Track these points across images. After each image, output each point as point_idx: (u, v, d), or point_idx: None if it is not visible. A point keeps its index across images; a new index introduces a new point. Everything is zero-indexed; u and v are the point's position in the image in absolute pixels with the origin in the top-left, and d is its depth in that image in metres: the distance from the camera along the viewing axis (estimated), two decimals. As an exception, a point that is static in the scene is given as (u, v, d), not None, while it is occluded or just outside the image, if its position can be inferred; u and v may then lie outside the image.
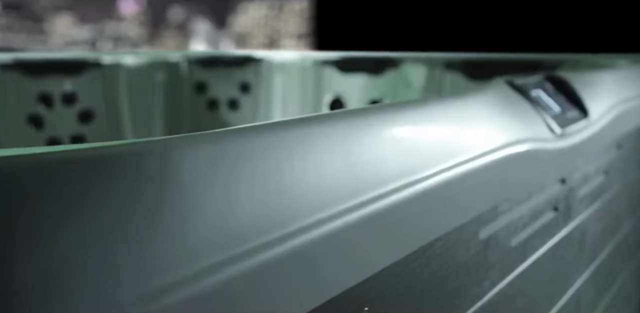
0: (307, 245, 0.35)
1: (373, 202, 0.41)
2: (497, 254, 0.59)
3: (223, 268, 0.31)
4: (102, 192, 0.28)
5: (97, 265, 0.26)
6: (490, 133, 0.56)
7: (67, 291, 0.25)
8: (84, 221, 0.27)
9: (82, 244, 0.26)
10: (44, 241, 0.25)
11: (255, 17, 7.38)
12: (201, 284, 0.30)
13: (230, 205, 0.33)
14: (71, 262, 0.26)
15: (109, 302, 0.26)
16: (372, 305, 0.43)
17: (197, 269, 0.30)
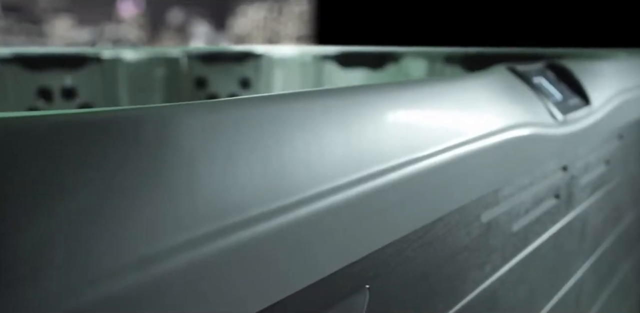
0: (307, 218, 0.35)
1: (374, 178, 0.40)
2: (499, 238, 0.58)
3: (221, 237, 0.30)
4: (99, 157, 0.28)
5: (93, 230, 0.26)
6: (491, 115, 0.55)
7: (63, 256, 0.25)
8: (80, 186, 0.27)
9: (77, 210, 0.26)
10: (40, 207, 0.25)
11: (254, 20, 7.39)
12: (198, 252, 0.29)
13: (229, 174, 0.32)
14: (67, 227, 0.25)
15: (105, 265, 0.26)
16: (374, 284, 0.42)
17: (194, 236, 0.29)
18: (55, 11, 8.45)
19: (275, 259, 0.33)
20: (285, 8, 6.28)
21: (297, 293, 0.36)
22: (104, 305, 0.25)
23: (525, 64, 0.72)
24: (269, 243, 0.32)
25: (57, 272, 0.24)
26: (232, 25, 6.77)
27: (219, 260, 0.30)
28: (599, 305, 0.95)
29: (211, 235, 0.30)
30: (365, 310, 0.42)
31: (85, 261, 0.25)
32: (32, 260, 0.24)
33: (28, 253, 0.24)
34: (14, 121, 0.28)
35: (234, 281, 0.31)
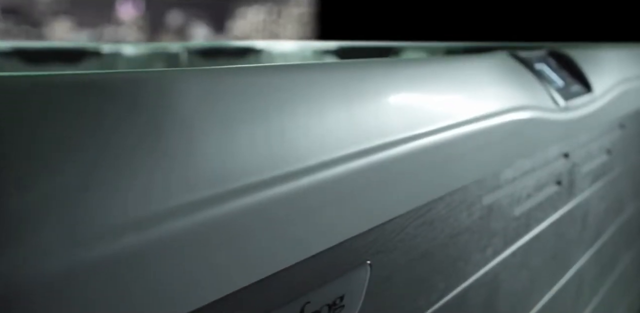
0: (307, 188, 0.34)
1: (374, 152, 0.40)
2: (501, 222, 0.58)
3: (219, 203, 0.29)
4: (95, 118, 0.28)
5: (88, 191, 0.25)
6: (493, 96, 0.55)
7: (58, 216, 0.24)
8: (75, 147, 0.26)
9: (72, 170, 0.25)
10: (35, 167, 0.24)
11: (253, 22, 7.39)
12: (196, 216, 0.28)
13: (229, 141, 0.32)
14: (62, 187, 0.25)
15: (100, 226, 0.25)
16: (375, 259, 0.42)
17: (192, 201, 0.29)
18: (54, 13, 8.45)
19: (274, 228, 0.32)
20: (284, 10, 6.28)
21: (299, 264, 0.35)
22: (97, 265, 0.24)
23: (527, 51, 0.72)
24: (268, 211, 0.32)
25: (52, 231, 0.24)
26: (231, 28, 6.77)
27: (216, 226, 0.29)
28: (600, 296, 0.95)
29: (209, 201, 0.29)
30: (366, 285, 0.41)
31: (80, 221, 0.24)
32: (26, 219, 0.23)
33: (23, 212, 0.23)
34: (8, 81, 0.27)
35: (232, 248, 0.30)
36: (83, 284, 0.24)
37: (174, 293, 0.27)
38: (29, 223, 0.23)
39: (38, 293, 0.23)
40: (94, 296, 0.24)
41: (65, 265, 0.23)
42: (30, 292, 0.22)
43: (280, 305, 0.34)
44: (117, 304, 0.25)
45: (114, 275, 0.25)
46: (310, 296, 0.37)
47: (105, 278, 0.24)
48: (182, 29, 7.35)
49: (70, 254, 0.24)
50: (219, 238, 0.29)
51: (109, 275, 0.25)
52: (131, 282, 0.25)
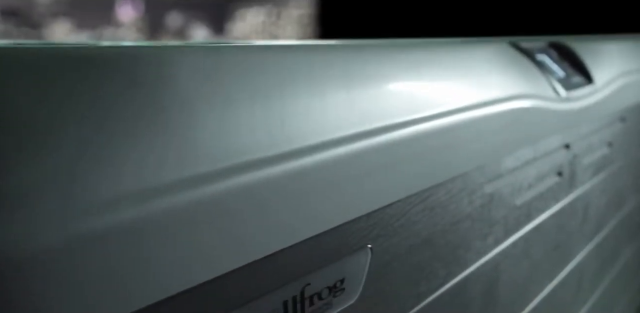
0: (306, 168, 0.34)
1: (375, 135, 0.39)
2: (502, 211, 0.58)
3: (218, 179, 0.29)
4: (95, 90, 0.27)
5: (86, 163, 0.25)
6: (495, 84, 0.55)
7: (54, 191, 0.24)
8: (75, 118, 0.26)
9: (71, 141, 0.25)
10: (32, 140, 0.24)
11: (253, 24, 7.40)
12: (194, 192, 0.28)
13: (229, 118, 0.32)
14: (59, 161, 0.24)
15: (99, 197, 0.25)
16: (376, 244, 0.41)
17: (190, 176, 0.28)
18: (53, 15, 8.46)
19: (273, 207, 0.32)
20: (284, 12, 6.28)
21: (299, 245, 0.35)
22: (92, 238, 0.24)
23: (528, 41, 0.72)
24: (266, 190, 0.31)
25: (47, 204, 0.23)
26: (230, 29, 6.77)
27: (213, 204, 0.29)
28: (600, 290, 0.94)
29: (207, 178, 0.29)
30: (367, 269, 0.41)
31: (75, 194, 0.24)
32: (22, 191, 0.23)
33: (18, 185, 0.23)
34: (6, 51, 0.27)
35: (230, 226, 0.30)
36: (76, 258, 0.23)
37: (170, 270, 0.27)
38: (24, 196, 0.23)
39: (31, 267, 0.22)
40: (86, 270, 0.24)
41: (59, 239, 0.23)
42: (23, 265, 0.22)
43: (281, 285, 0.34)
44: (110, 279, 0.25)
45: (110, 249, 0.24)
46: (311, 278, 0.36)
47: (99, 252, 0.24)
48: (181, 30, 7.35)
49: (64, 227, 0.23)
50: (215, 215, 0.29)
51: (104, 249, 0.24)
52: (127, 257, 0.25)
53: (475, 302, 0.55)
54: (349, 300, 0.40)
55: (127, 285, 0.25)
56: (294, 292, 0.35)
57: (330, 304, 0.38)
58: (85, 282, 0.24)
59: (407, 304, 0.45)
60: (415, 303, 0.46)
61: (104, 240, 0.24)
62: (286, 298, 0.35)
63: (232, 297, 0.31)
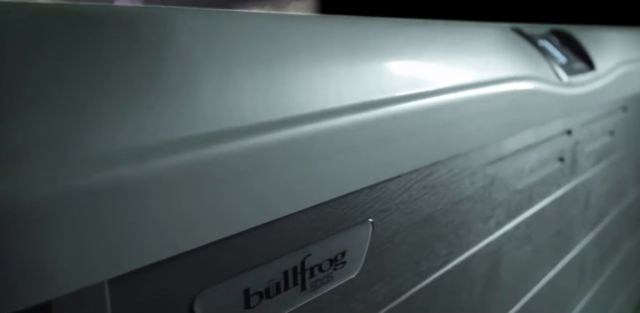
0: (306, 136, 0.33)
1: (376, 107, 0.39)
2: (504, 193, 0.57)
3: (215, 142, 0.29)
4: (95, 49, 0.27)
5: (85, 119, 0.25)
6: (498, 64, 0.54)
7: (51, 150, 0.23)
8: (74, 74, 0.25)
9: (68, 102, 0.25)
10: (29, 98, 0.24)
11: (254, 24, 7.38)
12: (187, 155, 0.28)
13: (229, 80, 0.31)
14: (57, 117, 0.24)
15: (94, 154, 0.24)
16: (377, 219, 0.41)
17: (186, 138, 0.28)
18: (55, 15, 8.44)
19: (272, 173, 0.31)
20: (284, 11, 6.27)
21: (299, 215, 0.34)
22: (89, 192, 0.23)
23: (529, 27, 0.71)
24: (266, 155, 0.31)
25: (42, 158, 0.23)
26: (231, 29, 6.75)
27: (209, 166, 0.28)
28: (602, 280, 0.94)
29: (204, 140, 0.28)
30: (368, 243, 0.40)
31: (71, 149, 0.24)
32: (19, 145, 0.22)
33: (16, 138, 0.23)
34: (5, 7, 0.27)
35: (226, 190, 0.29)
36: (68, 214, 0.23)
37: (165, 231, 0.26)
38: (20, 150, 0.22)
39: (23, 220, 0.22)
40: (78, 226, 0.23)
41: (52, 194, 0.22)
42: (15, 218, 0.22)
43: (281, 254, 0.34)
44: (100, 238, 0.24)
45: (105, 206, 0.24)
46: (311, 248, 0.36)
47: (92, 209, 0.24)
48: (182, 30, 7.32)
49: (58, 183, 0.23)
50: (213, 178, 0.28)
51: (98, 207, 0.24)
52: (120, 216, 0.25)
53: (476, 284, 0.55)
54: (350, 274, 0.39)
55: (119, 245, 0.24)
56: (295, 262, 0.35)
57: (331, 277, 0.38)
58: (77, 238, 0.23)
59: (408, 282, 0.45)
60: (417, 282, 0.46)
61: (99, 197, 0.24)
62: (286, 268, 0.35)
63: (231, 264, 0.31)
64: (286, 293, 0.35)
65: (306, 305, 0.36)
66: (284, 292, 0.34)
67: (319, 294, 0.37)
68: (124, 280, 0.26)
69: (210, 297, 0.30)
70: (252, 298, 0.33)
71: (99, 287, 0.25)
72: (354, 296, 0.40)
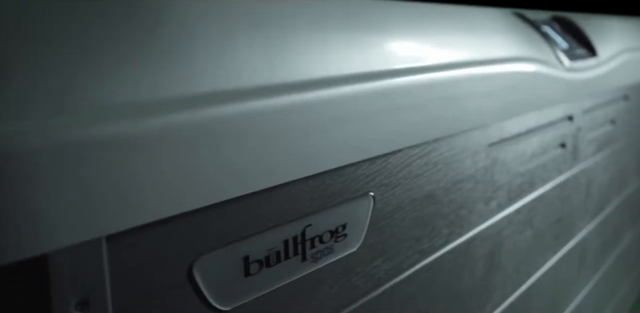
0: (304, 101, 0.33)
1: (376, 79, 0.38)
2: (505, 175, 0.57)
3: (214, 102, 0.28)
4: (99, 8, 0.27)
5: (85, 73, 0.24)
6: (501, 45, 0.54)
7: (50, 101, 0.23)
8: (74, 32, 0.25)
9: (69, 57, 0.24)
10: (32, 52, 0.23)
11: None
12: (184, 114, 0.27)
13: (228, 41, 0.31)
14: (57, 72, 0.24)
15: (92, 106, 0.24)
16: (378, 193, 0.40)
17: (183, 97, 0.27)
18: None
19: (271, 138, 0.31)
20: None
21: (300, 183, 0.34)
22: (84, 144, 0.23)
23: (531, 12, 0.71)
24: (264, 118, 0.30)
25: (47, 108, 0.22)
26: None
27: (205, 127, 0.28)
28: (603, 270, 0.93)
29: (206, 98, 0.28)
30: (369, 217, 0.40)
31: (70, 101, 0.23)
32: (25, 94, 0.22)
33: (22, 88, 0.22)
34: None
35: (222, 152, 0.28)
36: (62, 164, 0.22)
37: (160, 191, 0.26)
38: (20, 98, 0.22)
39: (18, 168, 0.21)
40: (74, 177, 0.23)
41: (47, 143, 0.22)
42: (9, 165, 0.21)
43: (281, 223, 0.33)
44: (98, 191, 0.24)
45: (103, 158, 0.23)
46: (312, 219, 0.35)
47: (85, 161, 0.23)
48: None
49: (55, 133, 0.22)
50: (207, 140, 0.28)
51: (91, 159, 0.23)
52: (115, 172, 0.24)
53: (478, 266, 0.54)
54: (351, 247, 0.39)
55: (115, 201, 0.24)
56: (295, 231, 0.34)
57: (332, 249, 0.37)
58: (73, 190, 0.23)
59: (409, 259, 0.45)
60: (418, 260, 0.46)
61: (94, 150, 0.23)
62: (286, 237, 0.34)
63: (230, 229, 0.30)
64: (286, 263, 0.34)
65: (307, 276, 0.36)
66: (284, 261, 0.34)
67: (320, 266, 0.37)
68: (122, 239, 0.26)
69: (209, 263, 0.30)
70: (252, 266, 0.32)
71: (96, 244, 0.24)
72: (354, 270, 0.39)
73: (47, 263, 0.23)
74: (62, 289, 0.23)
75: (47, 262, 0.23)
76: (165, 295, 0.28)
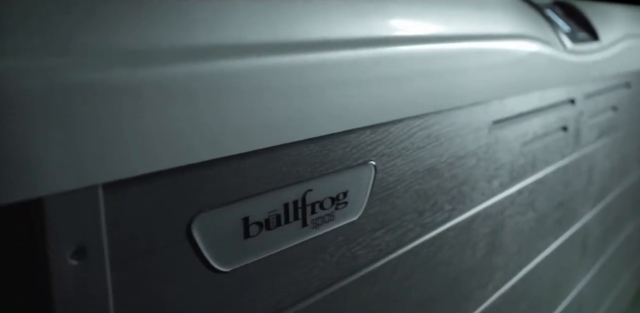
0: (307, 63, 0.32)
1: (379, 45, 0.38)
2: (507, 154, 0.56)
3: (216, 55, 0.27)
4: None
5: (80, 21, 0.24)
6: (504, 22, 0.54)
7: (49, 45, 0.22)
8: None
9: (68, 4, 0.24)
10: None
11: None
12: (183, 66, 0.26)
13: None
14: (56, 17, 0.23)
15: (84, 56, 0.23)
16: (380, 162, 0.40)
17: (184, 47, 0.27)
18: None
19: (271, 96, 0.30)
20: None
21: (301, 146, 0.33)
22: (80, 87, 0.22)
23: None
24: (264, 76, 0.30)
25: (47, 47, 0.22)
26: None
27: (213, 78, 0.27)
28: (604, 258, 0.93)
29: (208, 50, 0.27)
30: (370, 186, 0.39)
31: (73, 44, 0.23)
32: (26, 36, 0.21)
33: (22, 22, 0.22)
34: None
35: (220, 108, 0.28)
36: (60, 106, 0.22)
37: (154, 142, 0.25)
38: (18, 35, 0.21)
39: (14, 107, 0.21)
40: (69, 121, 0.22)
41: (44, 83, 0.21)
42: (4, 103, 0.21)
43: (281, 186, 0.33)
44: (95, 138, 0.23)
45: (101, 104, 0.23)
46: (312, 184, 0.35)
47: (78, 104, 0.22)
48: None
49: (52, 75, 0.22)
50: (208, 92, 0.27)
51: (94, 103, 0.23)
52: (118, 117, 0.23)
53: (480, 244, 0.54)
54: (352, 216, 0.38)
55: (112, 149, 0.23)
56: (295, 196, 0.34)
57: (333, 216, 0.37)
58: (68, 135, 0.22)
59: (411, 233, 0.44)
60: (420, 234, 0.45)
61: (91, 94, 0.23)
62: (287, 201, 0.33)
63: (230, 188, 0.30)
64: (286, 227, 0.34)
65: (307, 242, 0.35)
66: (284, 225, 0.33)
67: (321, 232, 0.36)
68: (119, 189, 0.25)
69: (208, 221, 0.29)
70: (252, 228, 0.31)
71: (92, 192, 0.24)
72: (356, 240, 0.39)
73: (43, 208, 0.22)
74: (58, 236, 0.23)
75: (43, 208, 0.22)
76: (163, 251, 0.27)
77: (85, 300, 0.24)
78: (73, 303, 0.23)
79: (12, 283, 0.23)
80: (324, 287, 0.37)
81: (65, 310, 0.23)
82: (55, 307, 0.23)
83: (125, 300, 0.26)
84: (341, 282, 0.38)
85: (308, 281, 0.36)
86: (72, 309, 0.23)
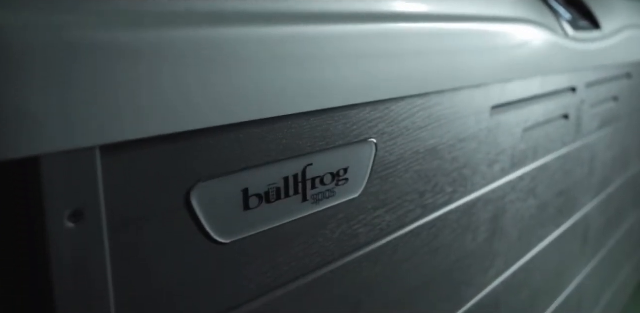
0: (308, 34, 0.32)
1: (380, 20, 0.37)
2: (508, 139, 0.56)
3: (218, 21, 0.27)
4: None
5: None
6: (506, 6, 0.53)
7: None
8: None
9: None
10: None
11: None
12: (191, 29, 0.26)
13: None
14: None
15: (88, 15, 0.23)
16: (381, 141, 0.39)
17: (189, 11, 0.26)
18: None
19: (271, 66, 0.30)
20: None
21: (301, 119, 0.33)
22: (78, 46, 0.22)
23: None
24: (265, 45, 0.29)
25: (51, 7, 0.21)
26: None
27: (215, 44, 0.27)
28: (605, 250, 0.92)
29: (210, 16, 0.27)
30: (371, 164, 0.39)
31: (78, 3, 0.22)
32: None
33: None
34: None
35: (227, 71, 0.27)
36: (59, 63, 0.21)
37: (150, 108, 0.24)
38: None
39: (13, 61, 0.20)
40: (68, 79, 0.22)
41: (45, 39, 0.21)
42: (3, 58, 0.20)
43: (281, 159, 0.32)
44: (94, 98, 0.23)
45: (100, 63, 0.23)
46: (313, 158, 0.34)
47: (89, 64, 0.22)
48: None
49: (57, 29, 0.21)
50: (209, 58, 0.26)
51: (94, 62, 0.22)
52: (118, 78, 0.23)
53: (481, 229, 0.53)
54: (353, 193, 0.38)
55: (110, 111, 0.23)
56: (295, 169, 0.34)
57: (333, 192, 0.36)
58: (65, 94, 0.22)
59: (412, 214, 0.44)
60: (421, 215, 0.45)
61: (91, 54, 0.22)
62: (287, 175, 0.33)
63: (230, 159, 0.29)
64: (286, 201, 0.33)
65: (308, 218, 0.35)
66: (284, 199, 0.33)
67: (321, 208, 0.36)
68: (117, 152, 0.25)
69: (207, 191, 0.29)
70: (252, 200, 0.31)
71: (90, 153, 0.23)
72: (357, 217, 0.38)
73: (40, 168, 0.22)
74: (55, 197, 0.22)
75: (40, 167, 0.22)
76: (162, 219, 0.27)
77: (82, 263, 0.24)
78: (70, 266, 0.23)
79: (8, 244, 0.23)
80: (324, 264, 0.37)
81: (61, 273, 0.23)
82: (51, 269, 0.23)
83: (123, 266, 0.26)
84: (342, 259, 0.38)
85: (309, 257, 0.35)
86: (69, 272, 0.23)
